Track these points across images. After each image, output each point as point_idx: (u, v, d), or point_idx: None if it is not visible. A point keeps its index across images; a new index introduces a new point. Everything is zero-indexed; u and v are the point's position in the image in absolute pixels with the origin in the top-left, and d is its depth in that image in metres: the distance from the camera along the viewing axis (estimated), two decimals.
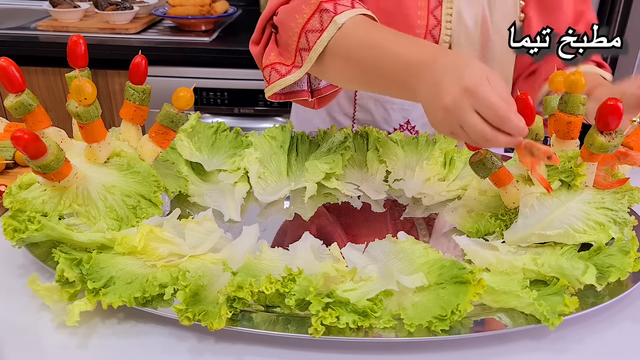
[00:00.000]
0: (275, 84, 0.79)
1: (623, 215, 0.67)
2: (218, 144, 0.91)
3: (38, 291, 0.57)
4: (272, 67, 0.80)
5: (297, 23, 0.75)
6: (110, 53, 1.68)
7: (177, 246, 0.64)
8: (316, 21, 0.74)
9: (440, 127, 0.63)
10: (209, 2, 1.82)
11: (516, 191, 0.70)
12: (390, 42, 0.69)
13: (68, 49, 0.66)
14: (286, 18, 0.77)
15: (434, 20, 0.89)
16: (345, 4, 0.74)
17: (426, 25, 0.89)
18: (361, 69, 0.72)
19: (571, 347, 0.57)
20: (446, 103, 0.59)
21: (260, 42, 0.83)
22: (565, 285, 0.59)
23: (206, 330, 0.54)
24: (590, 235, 0.66)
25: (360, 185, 0.88)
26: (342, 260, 0.66)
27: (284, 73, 0.78)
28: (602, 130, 0.63)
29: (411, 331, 0.54)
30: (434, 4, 0.89)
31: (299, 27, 0.75)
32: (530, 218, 0.68)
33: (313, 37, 0.74)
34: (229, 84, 1.70)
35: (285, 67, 0.79)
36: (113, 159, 0.71)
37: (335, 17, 0.72)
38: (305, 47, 0.76)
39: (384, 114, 1.04)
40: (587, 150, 0.65)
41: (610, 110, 0.61)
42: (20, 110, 0.64)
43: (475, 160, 0.69)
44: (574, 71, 0.69)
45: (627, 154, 0.66)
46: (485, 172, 0.69)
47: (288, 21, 0.77)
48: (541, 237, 0.67)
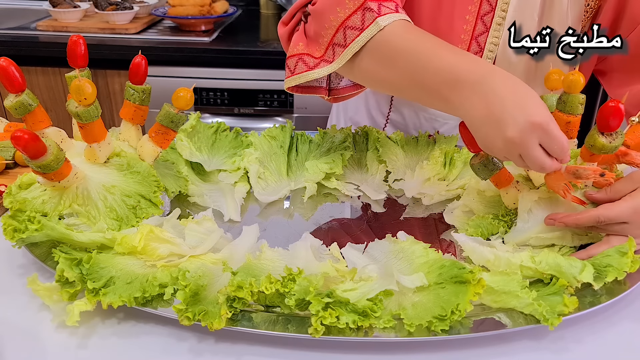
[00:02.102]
0: (301, 75, 0.76)
1: None
2: (218, 144, 0.91)
3: (38, 291, 0.57)
4: (300, 58, 0.77)
5: (337, 16, 0.73)
6: (110, 53, 1.68)
7: (177, 246, 0.64)
8: (357, 18, 0.71)
9: (495, 152, 0.64)
10: (209, 2, 1.82)
11: (517, 192, 0.70)
12: (436, 52, 0.67)
13: (68, 49, 0.66)
14: (326, 9, 0.74)
15: (482, 26, 0.84)
16: (390, 7, 0.72)
17: (472, 31, 0.84)
18: (399, 75, 0.71)
19: (571, 347, 0.57)
20: (512, 135, 0.60)
21: (289, 25, 0.80)
22: (564, 286, 0.59)
23: (206, 330, 0.54)
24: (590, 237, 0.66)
25: (360, 185, 0.88)
26: (342, 260, 0.66)
27: (312, 66, 0.76)
28: (603, 131, 0.63)
29: (411, 331, 0.54)
30: (485, 9, 0.84)
31: (339, 21, 0.73)
32: (529, 222, 0.68)
33: (351, 34, 0.72)
34: (229, 84, 1.70)
35: (314, 60, 0.76)
36: (113, 159, 0.71)
37: (378, 18, 0.70)
38: (341, 43, 0.73)
39: (415, 121, 1.04)
40: (588, 151, 0.65)
41: (611, 111, 0.61)
42: (20, 110, 0.64)
43: (476, 162, 0.69)
44: (573, 71, 0.69)
45: (627, 153, 0.66)
46: (487, 173, 0.69)
47: (327, 12, 0.74)
48: (540, 240, 0.68)
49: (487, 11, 0.84)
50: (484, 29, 0.84)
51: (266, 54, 1.66)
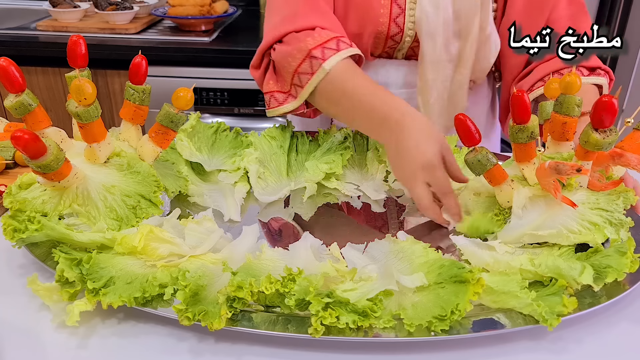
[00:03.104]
0: (275, 109, 0.90)
1: (618, 216, 0.66)
2: (218, 144, 0.91)
3: (38, 291, 0.57)
4: (272, 95, 0.90)
5: (290, 65, 0.85)
6: (110, 53, 1.68)
7: (177, 246, 0.64)
8: (307, 65, 0.84)
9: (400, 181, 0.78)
10: (209, 2, 1.82)
11: (511, 190, 0.70)
12: (366, 94, 0.80)
13: (68, 49, 0.66)
14: (281, 59, 0.87)
15: (398, 8, 0.92)
16: (331, 46, 0.84)
17: (389, 14, 0.92)
18: (344, 112, 0.85)
19: (570, 347, 0.57)
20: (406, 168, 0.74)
21: (260, 68, 0.93)
22: (564, 286, 0.59)
23: (206, 330, 0.54)
24: (585, 235, 0.66)
25: (360, 185, 0.88)
26: (342, 260, 0.66)
27: (281, 101, 0.90)
28: (597, 127, 0.63)
29: (411, 331, 0.54)
30: None
31: (293, 69, 0.85)
32: (523, 218, 0.68)
33: (305, 78, 0.85)
34: (229, 84, 1.70)
35: (283, 95, 0.90)
36: (113, 159, 0.71)
37: (324, 64, 0.82)
38: (299, 84, 0.86)
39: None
40: (582, 149, 0.65)
41: (604, 107, 0.61)
42: (20, 110, 0.64)
43: (470, 157, 0.69)
44: (570, 72, 0.69)
45: (622, 155, 0.66)
46: (480, 168, 0.69)
47: (283, 61, 0.87)
48: (534, 237, 0.67)
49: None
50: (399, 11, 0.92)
51: None
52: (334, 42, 0.84)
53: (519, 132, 0.67)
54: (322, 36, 0.84)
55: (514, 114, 0.67)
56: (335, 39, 0.85)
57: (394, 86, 1.00)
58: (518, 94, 0.66)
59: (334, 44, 0.84)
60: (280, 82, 0.90)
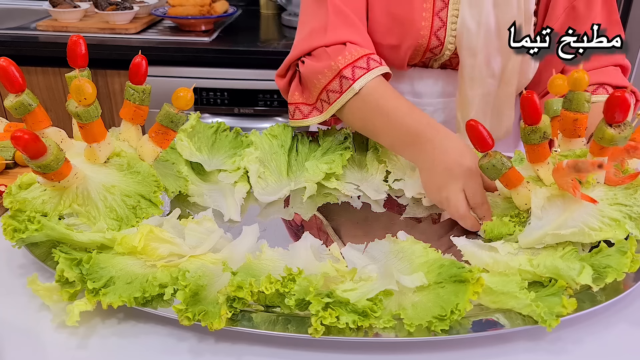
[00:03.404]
0: (299, 121, 0.91)
1: (638, 210, 0.65)
2: (218, 144, 0.91)
3: (38, 291, 0.57)
4: (296, 107, 0.91)
5: (319, 82, 0.86)
6: (110, 53, 1.68)
7: (177, 246, 0.64)
8: (336, 84, 0.84)
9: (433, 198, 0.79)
10: (209, 2, 1.82)
11: (527, 192, 0.69)
12: (398, 114, 0.81)
13: (68, 49, 0.66)
14: (310, 75, 0.87)
15: (439, 21, 0.91)
16: (362, 65, 0.84)
17: (430, 27, 0.90)
18: (372, 129, 0.86)
19: (569, 347, 0.57)
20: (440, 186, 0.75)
21: (285, 77, 0.93)
22: (563, 287, 0.59)
23: (206, 330, 0.54)
24: (607, 232, 0.64)
25: (360, 185, 0.88)
26: (342, 260, 0.66)
27: (306, 113, 0.90)
28: (611, 122, 0.63)
29: (411, 331, 0.54)
30: (439, 6, 0.90)
31: (322, 85, 0.86)
32: (543, 219, 0.67)
33: (333, 96, 0.85)
34: (229, 84, 1.70)
35: (308, 108, 0.91)
36: (113, 159, 0.71)
37: (354, 84, 0.83)
38: (326, 100, 0.87)
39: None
40: (597, 145, 0.64)
41: (617, 102, 0.61)
42: (20, 110, 0.64)
43: (484, 162, 0.69)
44: (577, 69, 0.69)
45: (637, 148, 0.66)
46: (495, 173, 0.69)
47: (312, 77, 0.87)
48: (556, 238, 0.66)
49: (441, 8, 0.91)
50: (440, 24, 0.91)
51: (266, 54, 1.66)
52: (364, 61, 0.84)
53: (531, 133, 0.67)
54: (353, 54, 0.84)
55: (524, 115, 0.67)
56: (365, 57, 0.85)
57: (430, 96, 1.00)
58: (527, 95, 0.66)
59: (364, 62, 0.84)
60: (306, 95, 0.91)
